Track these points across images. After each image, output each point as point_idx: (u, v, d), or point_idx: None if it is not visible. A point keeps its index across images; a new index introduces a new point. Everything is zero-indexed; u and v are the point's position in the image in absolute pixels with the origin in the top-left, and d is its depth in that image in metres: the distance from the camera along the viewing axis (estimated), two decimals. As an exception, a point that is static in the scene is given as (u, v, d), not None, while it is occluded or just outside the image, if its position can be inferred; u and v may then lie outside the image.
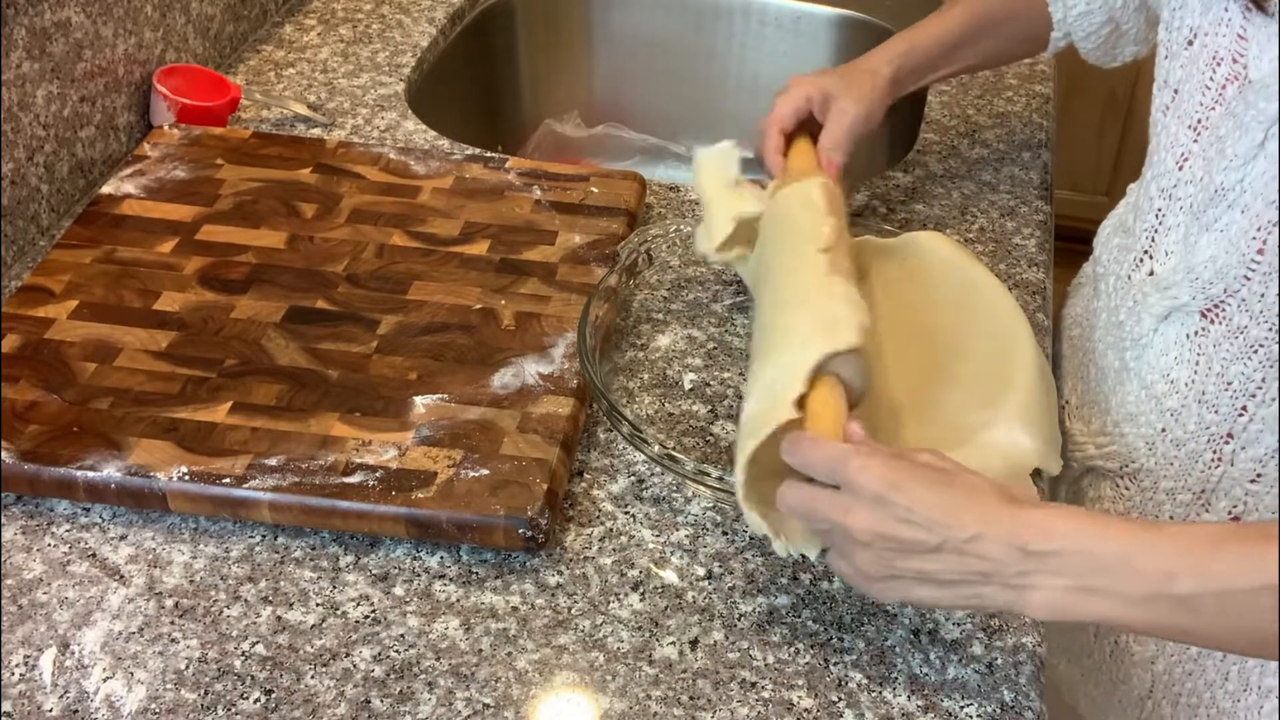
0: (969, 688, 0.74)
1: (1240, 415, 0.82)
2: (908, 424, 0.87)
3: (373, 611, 0.77)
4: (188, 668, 0.74)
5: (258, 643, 0.75)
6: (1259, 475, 0.82)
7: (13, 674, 0.73)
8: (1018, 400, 0.85)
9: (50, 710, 0.71)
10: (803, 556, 0.75)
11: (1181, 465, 0.86)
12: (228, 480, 0.80)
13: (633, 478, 0.86)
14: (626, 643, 0.76)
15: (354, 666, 0.74)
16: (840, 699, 0.73)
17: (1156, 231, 0.84)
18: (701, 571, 0.80)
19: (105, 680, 0.73)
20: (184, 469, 0.81)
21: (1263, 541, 0.63)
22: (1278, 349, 0.78)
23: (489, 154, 1.12)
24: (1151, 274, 0.84)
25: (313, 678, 0.73)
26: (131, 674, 0.73)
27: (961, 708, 0.72)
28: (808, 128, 0.98)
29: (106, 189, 1.04)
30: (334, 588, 0.78)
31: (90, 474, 0.80)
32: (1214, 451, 0.84)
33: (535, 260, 0.99)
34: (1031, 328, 0.90)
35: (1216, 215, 0.77)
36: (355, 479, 0.80)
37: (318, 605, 0.77)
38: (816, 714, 0.72)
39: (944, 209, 1.11)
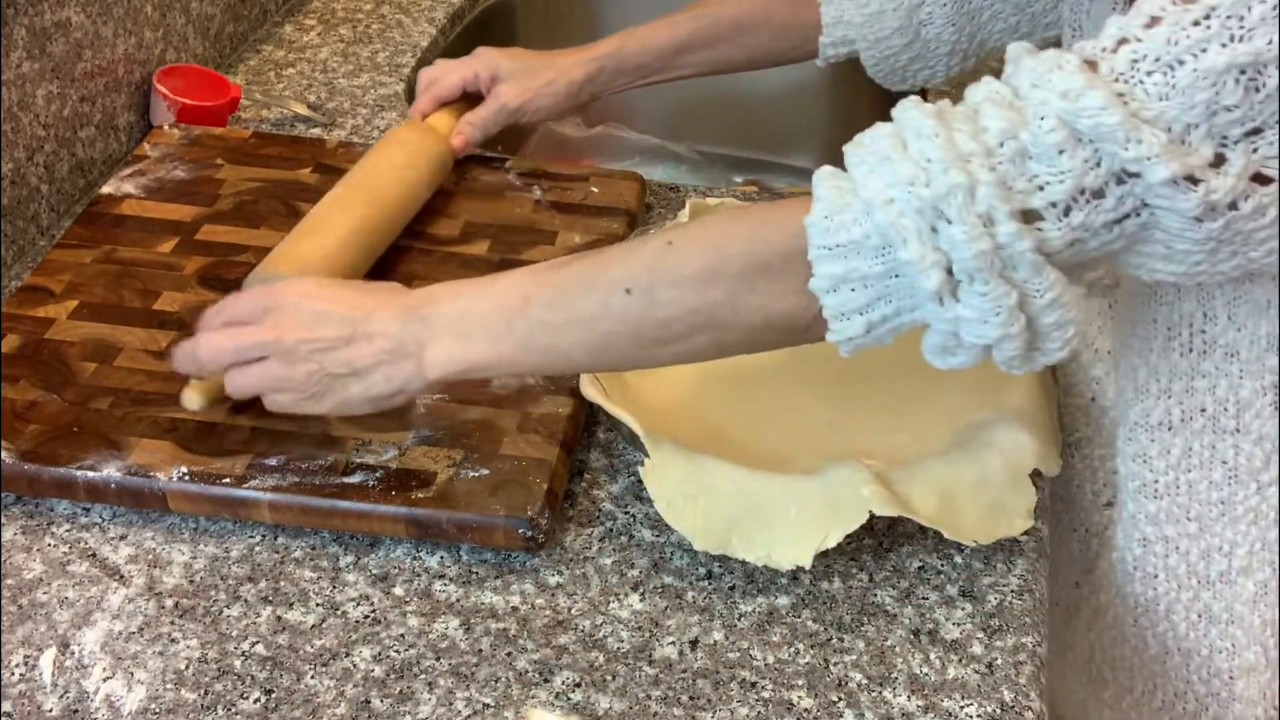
0: (969, 688, 0.74)
1: None
2: (907, 424, 0.87)
3: (373, 611, 0.77)
4: (188, 668, 0.74)
5: (258, 643, 0.75)
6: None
7: (13, 674, 0.73)
8: (1017, 400, 0.85)
9: (50, 710, 0.71)
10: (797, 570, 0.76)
11: (1108, 433, 0.88)
12: (228, 480, 0.80)
13: (633, 478, 0.86)
14: (626, 643, 0.76)
15: (354, 666, 0.74)
16: (840, 699, 0.73)
17: None
18: (701, 571, 0.80)
19: (105, 680, 0.73)
20: (184, 469, 0.81)
21: (600, 254, 0.71)
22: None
23: (489, 154, 1.12)
24: None
25: (313, 678, 0.73)
26: (131, 674, 0.73)
27: (961, 708, 0.72)
28: (471, 99, 1.05)
29: (106, 189, 1.04)
30: (334, 588, 0.78)
31: (90, 474, 0.80)
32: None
33: (535, 260, 0.98)
34: (1031, 328, 0.90)
35: None
36: (355, 479, 0.80)
37: (318, 605, 0.77)
38: (816, 714, 0.72)
39: (944, 209, 1.11)
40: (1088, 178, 0.60)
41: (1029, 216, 0.60)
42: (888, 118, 0.65)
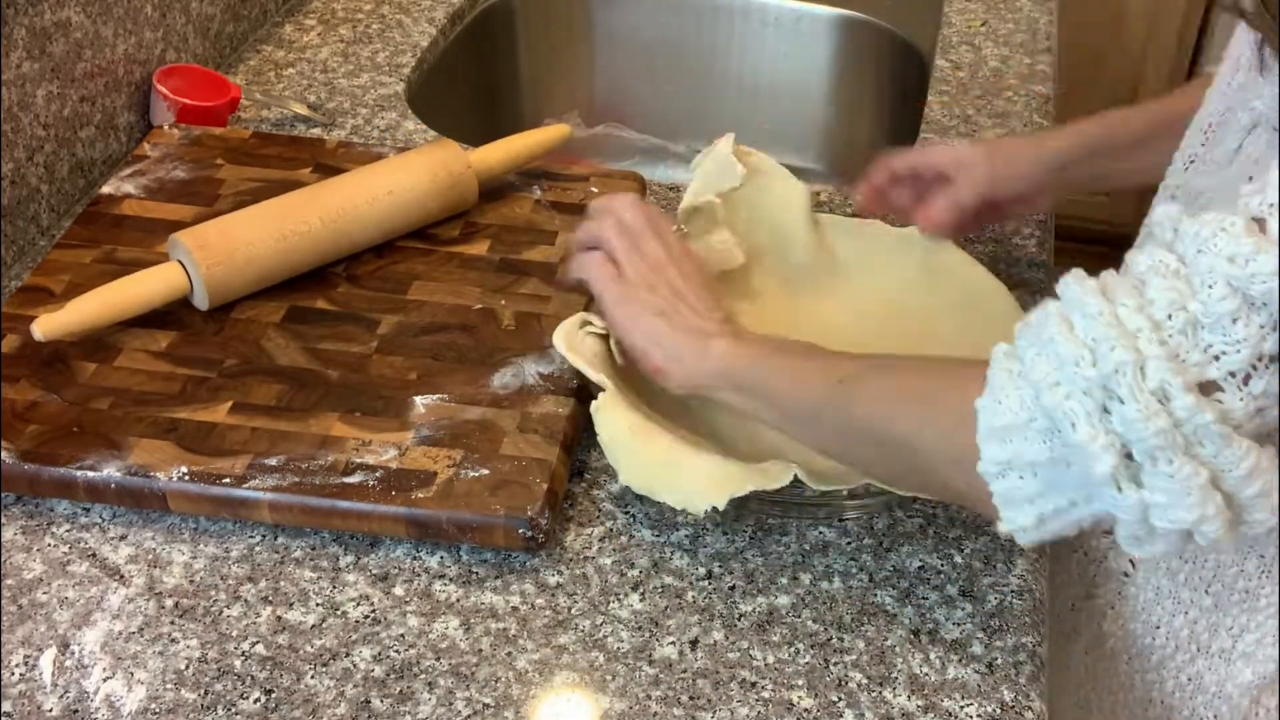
0: (969, 688, 0.74)
1: None
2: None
3: (373, 611, 0.77)
4: (188, 668, 0.74)
5: (258, 643, 0.75)
6: None
7: (13, 674, 0.73)
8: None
9: (50, 710, 0.71)
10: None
11: None
12: (228, 480, 0.80)
13: (633, 478, 0.86)
14: (626, 643, 0.76)
15: (354, 666, 0.74)
16: (840, 699, 0.73)
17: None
18: (701, 571, 0.80)
19: (105, 680, 0.73)
20: (184, 469, 0.81)
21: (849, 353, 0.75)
22: None
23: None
24: None
25: (313, 678, 0.73)
26: (131, 674, 0.73)
27: (961, 708, 0.72)
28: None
29: (106, 189, 1.04)
30: (334, 588, 0.78)
31: (90, 474, 0.80)
32: None
33: (535, 260, 0.99)
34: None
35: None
36: (355, 479, 0.80)
37: (318, 605, 0.77)
38: (816, 714, 0.72)
39: (944, 209, 1.11)
40: (1266, 343, 0.56)
41: (1207, 388, 0.57)
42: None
